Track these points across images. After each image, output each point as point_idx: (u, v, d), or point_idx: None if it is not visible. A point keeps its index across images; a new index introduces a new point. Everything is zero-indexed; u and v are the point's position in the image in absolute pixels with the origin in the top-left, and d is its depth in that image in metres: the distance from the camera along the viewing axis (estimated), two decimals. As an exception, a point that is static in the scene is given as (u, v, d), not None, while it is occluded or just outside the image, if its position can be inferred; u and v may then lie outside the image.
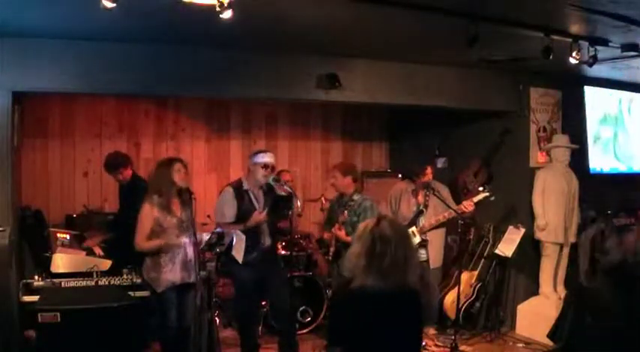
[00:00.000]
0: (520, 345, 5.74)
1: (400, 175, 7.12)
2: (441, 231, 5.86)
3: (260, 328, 5.47)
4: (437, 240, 5.81)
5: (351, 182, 5.36)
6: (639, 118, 7.27)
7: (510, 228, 6.08)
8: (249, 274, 4.80)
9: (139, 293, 4.49)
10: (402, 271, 2.59)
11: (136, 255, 4.63)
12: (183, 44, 4.79)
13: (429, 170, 5.66)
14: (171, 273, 4.43)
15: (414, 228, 5.73)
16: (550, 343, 4.92)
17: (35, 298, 4.23)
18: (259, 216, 4.73)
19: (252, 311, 5.08)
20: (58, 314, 3.90)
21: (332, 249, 5.42)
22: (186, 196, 4.48)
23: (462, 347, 5.48)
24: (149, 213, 4.40)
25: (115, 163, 5.32)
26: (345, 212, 5.26)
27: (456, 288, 5.71)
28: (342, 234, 5.20)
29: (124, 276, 4.65)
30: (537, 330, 5.55)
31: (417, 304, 2.67)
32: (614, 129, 7.01)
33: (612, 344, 3.29)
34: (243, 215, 4.78)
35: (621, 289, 3.38)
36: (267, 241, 4.86)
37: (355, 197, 5.33)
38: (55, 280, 4.48)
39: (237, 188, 4.87)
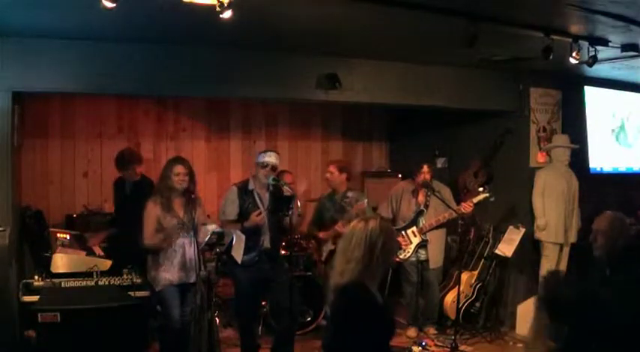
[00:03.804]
0: (520, 345, 5.74)
1: (400, 175, 7.13)
2: (442, 232, 5.87)
3: (260, 328, 5.47)
4: (437, 240, 5.82)
5: (345, 180, 5.43)
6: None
7: (510, 228, 6.09)
8: (248, 274, 4.80)
9: (139, 293, 4.49)
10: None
11: (136, 255, 4.65)
12: (183, 44, 4.79)
13: (425, 168, 5.67)
14: (169, 273, 4.47)
15: (414, 228, 5.74)
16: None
17: (35, 298, 4.23)
18: (257, 217, 4.72)
19: (252, 312, 5.08)
20: (58, 314, 3.89)
21: (326, 249, 5.43)
22: (187, 197, 4.50)
23: (462, 347, 5.48)
24: (152, 211, 4.46)
25: (130, 159, 5.33)
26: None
27: (456, 288, 5.71)
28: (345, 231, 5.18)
29: (124, 276, 4.65)
30: (537, 330, 5.55)
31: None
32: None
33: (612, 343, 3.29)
34: (245, 214, 4.79)
35: None
36: (266, 242, 4.84)
37: (349, 193, 5.40)
38: (55, 280, 4.48)
39: (242, 188, 4.88)
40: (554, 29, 4.39)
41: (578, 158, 6.33)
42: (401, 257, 5.75)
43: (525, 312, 6.04)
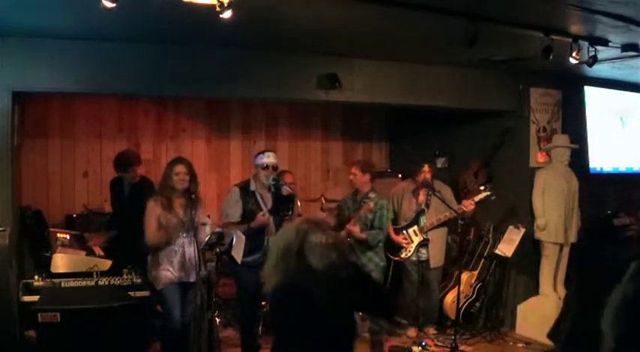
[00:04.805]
0: (520, 345, 5.74)
1: (400, 175, 7.12)
2: (443, 231, 5.87)
3: (260, 328, 5.47)
4: (438, 240, 5.82)
5: (369, 180, 5.40)
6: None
7: (510, 228, 6.09)
8: (252, 275, 4.76)
9: (139, 293, 4.49)
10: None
11: (136, 255, 4.65)
12: (183, 44, 4.79)
13: (425, 168, 5.68)
14: (169, 272, 4.48)
15: (415, 227, 5.74)
16: (550, 343, 4.92)
17: (35, 298, 4.22)
18: (263, 218, 4.72)
19: (254, 312, 5.08)
20: (58, 314, 3.89)
21: None
22: (187, 197, 4.51)
23: (462, 347, 5.48)
24: (153, 210, 4.48)
25: (129, 161, 5.34)
26: (372, 203, 5.23)
27: (456, 288, 5.71)
28: (356, 229, 5.18)
29: (124, 276, 4.64)
30: (537, 330, 5.55)
31: None
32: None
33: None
34: (248, 216, 4.78)
35: None
36: None
37: (371, 195, 5.36)
38: (55, 280, 4.47)
39: (244, 188, 4.88)
40: (554, 29, 4.38)
41: (578, 158, 6.33)
42: (402, 256, 5.75)
43: (525, 312, 6.05)
